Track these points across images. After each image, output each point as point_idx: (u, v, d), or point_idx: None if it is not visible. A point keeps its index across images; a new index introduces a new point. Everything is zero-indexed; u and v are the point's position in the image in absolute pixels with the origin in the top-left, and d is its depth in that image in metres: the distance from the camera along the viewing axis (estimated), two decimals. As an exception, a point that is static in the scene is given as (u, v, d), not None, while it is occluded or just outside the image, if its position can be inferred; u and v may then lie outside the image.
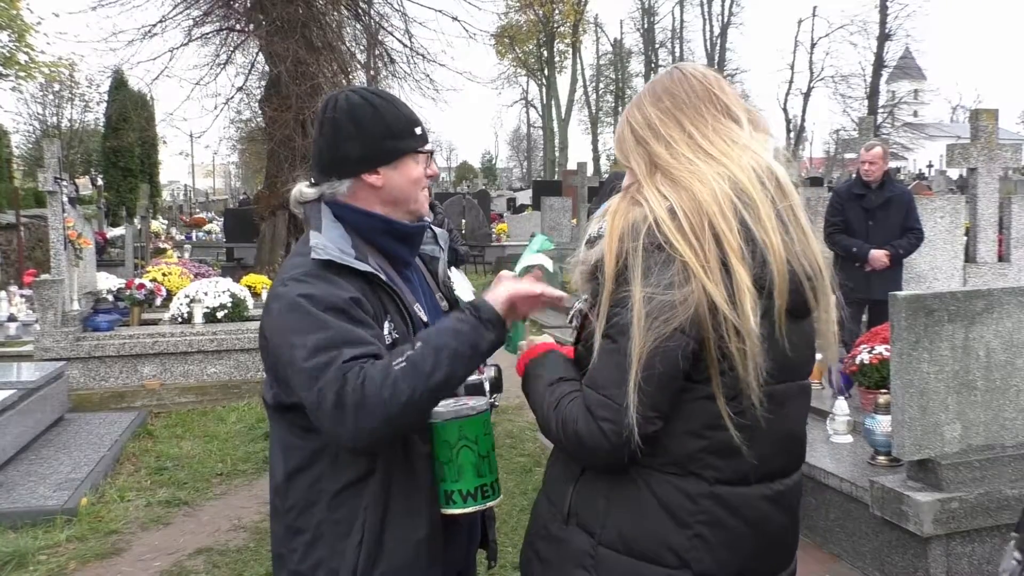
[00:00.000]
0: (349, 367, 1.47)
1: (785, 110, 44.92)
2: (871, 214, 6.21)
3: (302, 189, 1.77)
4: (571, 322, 1.62)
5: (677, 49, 49.48)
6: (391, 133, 1.71)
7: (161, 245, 18.91)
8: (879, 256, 6.05)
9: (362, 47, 15.55)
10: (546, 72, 46.89)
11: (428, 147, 1.79)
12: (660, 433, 1.36)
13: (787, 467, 1.46)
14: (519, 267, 1.86)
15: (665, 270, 1.30)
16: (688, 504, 1.36)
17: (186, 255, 17.67)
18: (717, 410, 1.34)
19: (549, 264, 1.84)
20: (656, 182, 1.40)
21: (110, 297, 8.25)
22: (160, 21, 13.12)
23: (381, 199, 1.72)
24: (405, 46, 14.83)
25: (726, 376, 1.33)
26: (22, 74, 21.69)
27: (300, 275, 1.60)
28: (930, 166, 33.02)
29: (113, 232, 18.49)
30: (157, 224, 23.11)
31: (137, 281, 8.83)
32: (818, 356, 1.49)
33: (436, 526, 1.67)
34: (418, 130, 1.76)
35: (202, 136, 20.05)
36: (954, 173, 22.57)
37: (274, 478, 1.72)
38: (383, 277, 1.67)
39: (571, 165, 33.69)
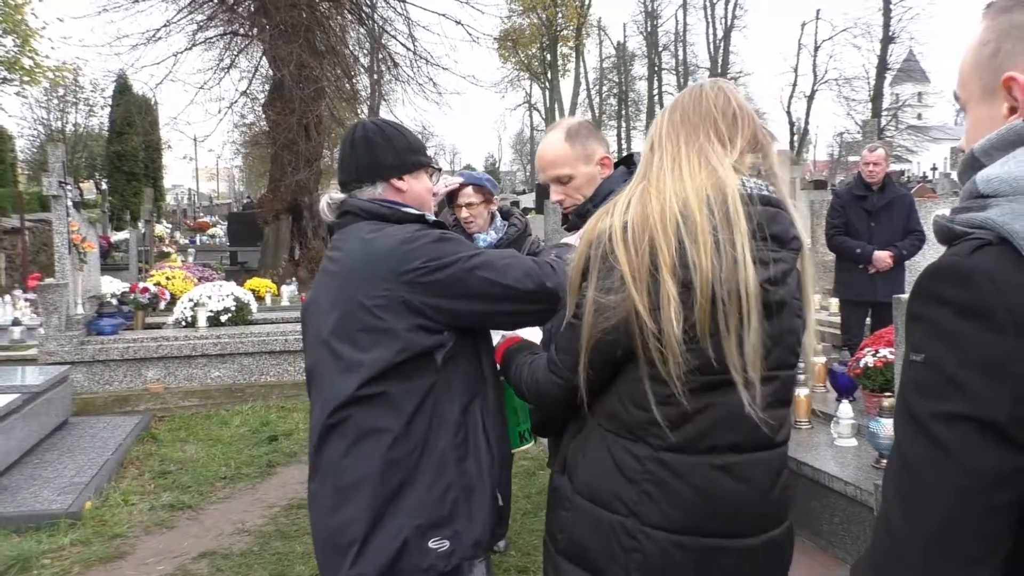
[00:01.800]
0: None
1: (789, 113, 44.88)
2: (874, 216, 6.19)
3: (332, 195, 2.09)
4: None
5: (680, 52, 49.51)
6: (412, 148, 2.10)
7: (165, 249, 18.97)
8: (883, 257, 6.03)
9: (365, 51, 15.61)
10: (549, 75, 46.98)
11: (437, 165, 2.19)
12: (617, 405, 1.59)
13: (741, 443, 1.58)
14: None
15: (608, 276, 1.52)
16: (636, 464, 1.58)
17: (190, 259, 17.71)
18: (661, 389, 1.52)
19: None
20: (631, 192, 1.59)
21: (114, 301, 8.26)
22: (164, 25, 13.19)
23: (403, 201, 2.06)
24: (408, 50, 14.91)
25: (652, 367, 1.51)
26: (27, 79, 21.76)
27: (422, 228, 1.96)
28: (934, 169, 32.93)
29: (117, 236, 18.55)
30: (161, 228, 23.18)
31: (141, 285, 8.85)
32: (821, 359, 1.54)
33: None
34: (428, 151, 2.18)
35: (206, 140, 20.19)
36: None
37: (385, 435, 1.87)
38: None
39: (574, 168, 33.63)
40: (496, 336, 2.09)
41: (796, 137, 44.05)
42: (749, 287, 1.48)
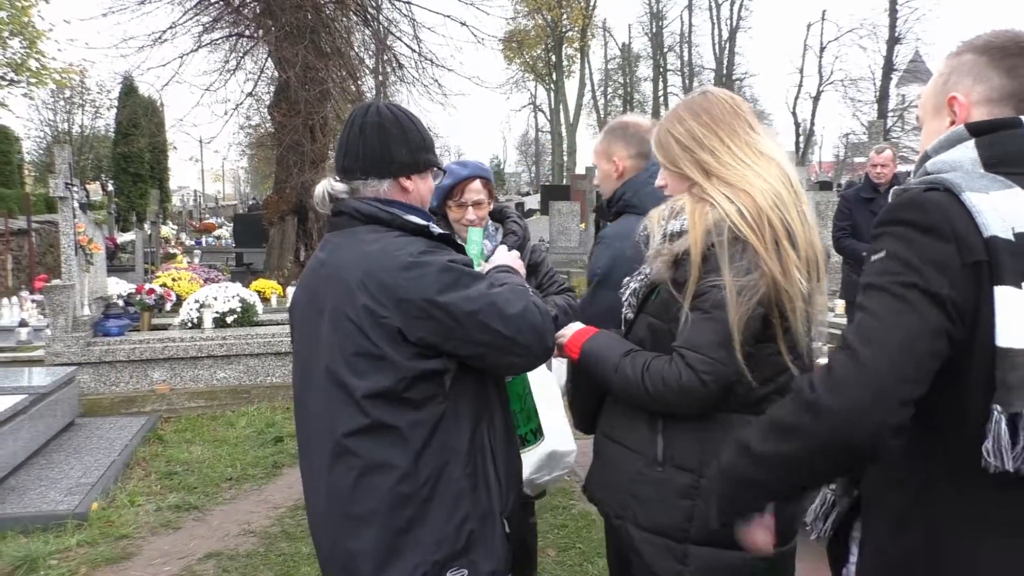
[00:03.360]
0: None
1: (794, 114, 44.74)
2: (880, 218, 6.16)
3: (332, 184, 1.94)
4: (626, 299, 1.98)
5: (685, 53, 49.44)
6: (425, 146, 1.96)
7: (171, 250, 19.00)
8: (888, 261, 6.00)
9: (371, 52, 15.60)
10: (554, 77, 46.93)
11: (443, 167, 2.08)
12: (737, 385, 1.74)
13: None
14: (477, 253, 2.26)
15: (742, 257, 1.71)
16: None
17: (196, 260, 17.73)
18: (781, 360, 1.76)
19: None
20: (715, 184, 1.80)
21: (120, 302, 8.28)
22: (170, 27, 13.21)
23: (408, 202, 1.94)
24: (413, 51, 14.88)
25: (788, 334, 1.75)
26: (33, 80, 21.81)
27: (427, 247, 1.81)
28: (940, 170, 32.82)
29: (123, 237, 18.59)
30: (167, 229, 23.20)
31: (147, 286, 8.87)
32: (825, 360, 1.74)
33: None
34: (436, 149, 2.04)
35: (212, 142, 20.23)
36: (964, 177, 22.42)
37: (393, 471, 1.77)
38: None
39: (579, 169, 33.68)
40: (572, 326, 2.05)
41: (802, 138, 43.93)
42: (819, 249, 1.82)
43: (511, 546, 1.96)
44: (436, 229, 1.89)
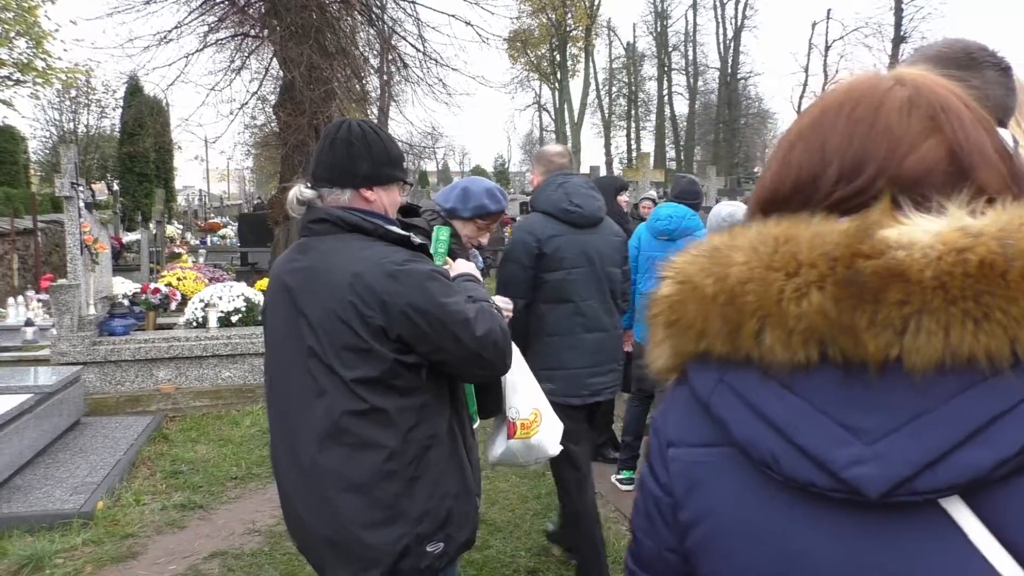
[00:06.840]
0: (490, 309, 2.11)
1: (799, 113, 44.62)
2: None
3: (302, 190, 2.13)
4: None
5: (690, 52, 49.36)
6: (390, 160, 2.12)
7: (176, 250, 19.02)
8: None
9: (375, 52, 15.59)
10: (559, 76, 46.91)
11: (410, 181, 2.23)
12: None
13: None
14: (444, 251, 2.37)
15: None
16: None
17: (201, 260, 17.75)
18: None
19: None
20: None
21: (126, 302, 8.29)
22: (175, 27, 13.19)
23: (372, 211, 2.10)
24: (418, 51, 14.85)
25: None
26: (39, 80, 21.87)
27: (410, 257, 2.00)
28: (946, 169, 32.78)
29: (129, 237, 18.60)
30: (172, 229, 23.25)
31: (152, 286, 8.89)
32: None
33: None
34: (405, 164, 2.21)
35: (217, 141, 20.20)
36: (970, 176, 22.38)
37: (381, 450, 1.94)
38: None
39: (584, 169, 33.64)
40: None
41: (807, 137, 43.74)
42: None
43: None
44: (416, 240, 2.06)
